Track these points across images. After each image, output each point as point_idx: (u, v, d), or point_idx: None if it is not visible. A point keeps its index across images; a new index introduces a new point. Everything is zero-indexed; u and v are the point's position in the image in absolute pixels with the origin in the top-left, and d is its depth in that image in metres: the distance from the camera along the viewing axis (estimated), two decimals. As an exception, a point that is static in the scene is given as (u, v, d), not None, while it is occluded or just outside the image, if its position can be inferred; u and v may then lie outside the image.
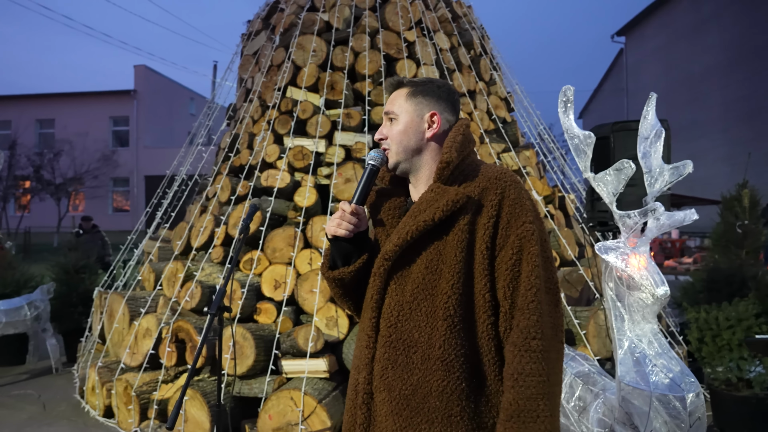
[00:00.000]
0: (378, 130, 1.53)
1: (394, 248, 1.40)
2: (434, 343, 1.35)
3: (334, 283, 1.54)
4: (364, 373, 1.42)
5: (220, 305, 2.17)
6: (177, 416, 1.74)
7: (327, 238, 1.51)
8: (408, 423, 1.34)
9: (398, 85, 1.53)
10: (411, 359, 1.36)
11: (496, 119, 5.70)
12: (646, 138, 2.75)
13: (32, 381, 5.52)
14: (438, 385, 1.33)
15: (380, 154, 1.50)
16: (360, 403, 1.41)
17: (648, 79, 22.25)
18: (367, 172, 1.49)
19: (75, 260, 6.52)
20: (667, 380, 2.44)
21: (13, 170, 22.66)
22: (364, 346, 1.43)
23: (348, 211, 1.45)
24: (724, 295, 4.56)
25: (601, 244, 2.64)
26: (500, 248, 1.37)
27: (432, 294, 1.37)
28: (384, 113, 1.53)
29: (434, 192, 1.40)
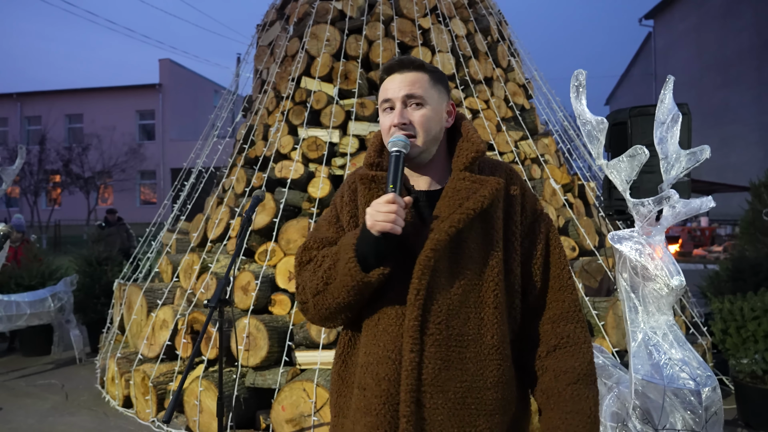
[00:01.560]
0: (397, 113, 1.37)
1: (446, 237, 1.30)
2: (485, 333, 1.33)
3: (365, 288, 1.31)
4: (410, 380, 1.28)
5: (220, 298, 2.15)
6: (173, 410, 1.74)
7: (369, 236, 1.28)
8: (466, 422, 1.29)
9: (419, 68, 1.41)
10: (464, 355, 1.31)
11: (513, 106, 5.59)
12: (663, 123, 2.64)
13: (57, 371, 5.65)
14: (494, 376, 1.32)
15: (405, 140, 1.34)
16: (407, 413, 1.27)
17: (678, 63, 21.64)
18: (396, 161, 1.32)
19: (98, 252, 6.64)
20: (682, 374, 2.35)
21: (44, 164, 23.24)
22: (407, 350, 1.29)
23: (402, 204, 1.27)
24: (749, 285, 4.41)
25: (614, 234, 2.55)
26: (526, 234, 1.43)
27: (478, 284, 1.34)
28: (406, 96, 1.37)
29: (470, 181, 1.37)
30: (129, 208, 23.27)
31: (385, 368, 1.31)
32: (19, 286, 6.18)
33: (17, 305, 5.46)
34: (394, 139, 1.34)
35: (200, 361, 4.33)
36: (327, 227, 1.48)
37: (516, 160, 5.03)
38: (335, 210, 1.50)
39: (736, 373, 4.08)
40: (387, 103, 1.40)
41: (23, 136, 27.48)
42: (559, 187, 5.01)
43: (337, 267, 1.33)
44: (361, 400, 1.34)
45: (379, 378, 1.31)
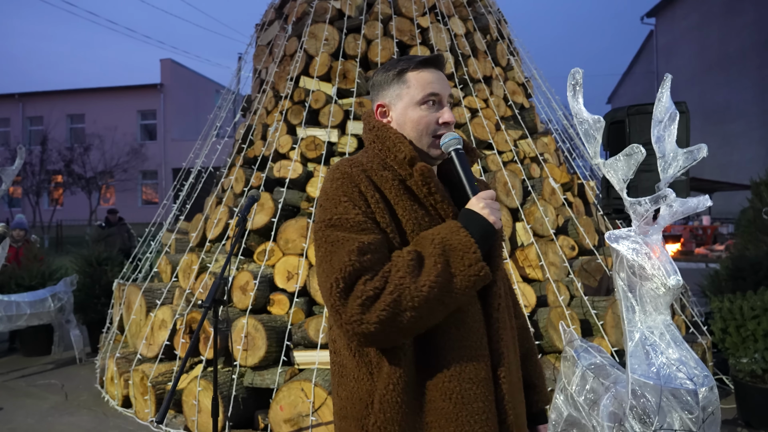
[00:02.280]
0: (447, 112, 1.36)
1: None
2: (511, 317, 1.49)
3: (481, 281, 1.24)
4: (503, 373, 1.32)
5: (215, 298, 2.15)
6: (167, 411, 1.73)
7: (491, 232, 1.27)
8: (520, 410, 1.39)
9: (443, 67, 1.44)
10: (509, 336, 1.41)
11: (512, 105, 5.57)
12: (660, 121, 2.63)
13: (56, 371, 5.65)
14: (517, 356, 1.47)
15: (459, 137, 1.37)
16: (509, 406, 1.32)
17: (680, 61, 21.57)
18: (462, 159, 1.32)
19: (98, 253, 6.64)
20: (679, 374, 2.34)
21: (45, 165, 23.27)
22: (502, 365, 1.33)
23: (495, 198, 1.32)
24: (749, 284, 4.39)
25: (612, 233, 2.54)
26: None
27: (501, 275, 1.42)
28: (450, 95, 1.40)
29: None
30: (131, 208, 23.30)
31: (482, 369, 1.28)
32: (19, 286, 6.19)
33: (17, 305, 5.47)
34: (450, 138, 1.34)
35: (198, 361, 4.33)
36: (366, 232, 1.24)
37: (515, 159, 5.02)
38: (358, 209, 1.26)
39: (735, 373, 4.06)
40: (434, 97, 1.36)
41: (25, 136, 27.53)
42: (558, 186, 5.00)
43: (455, 267, 1.21)
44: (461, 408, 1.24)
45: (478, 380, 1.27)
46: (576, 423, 3.00)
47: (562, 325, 3.34)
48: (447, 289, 1.19)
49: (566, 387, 3.08)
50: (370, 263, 1.19)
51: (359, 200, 1.27)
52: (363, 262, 1.19)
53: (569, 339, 3.25)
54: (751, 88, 18.80)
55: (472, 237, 1.22)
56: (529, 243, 4.52)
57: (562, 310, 4.06)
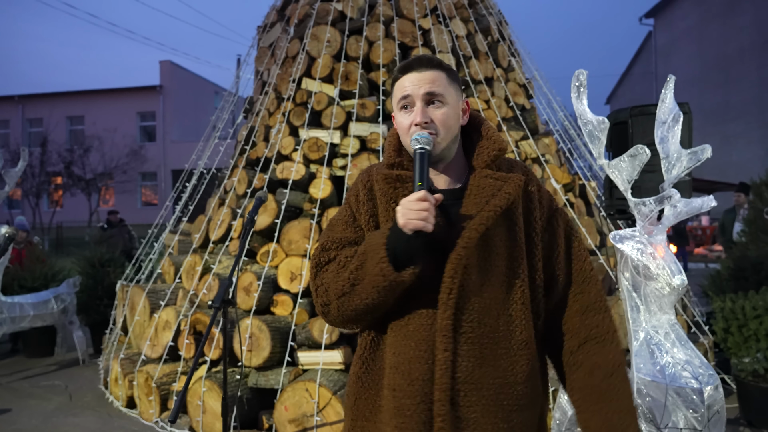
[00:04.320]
0: (419, 111, 1.36)
1: (476, 235, 1.30)
2: (515, 329, 1.35)
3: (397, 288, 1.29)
4: (444, 379, 1.28)
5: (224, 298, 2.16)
6: (179, 410, 1.75)
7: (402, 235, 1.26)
8: (499, 418, 1.31)
9: (438, 67, 1.40)
10: (496, 352, 1.33)
11: (514, 106, 5.59)
12: (664, 122, 2.65)
13: (60, 372, 5.66)
14: (524, 371, 1.35)
15: (429, 138, 1.34)
16: (442, 412, 1.27)
17: (678, 62, 21.62)
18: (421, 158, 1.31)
19: (100, 254, 6.66)
20: (684, 373, 2.36)
21: (45, 166, 23.27)
22: (441, 349, 1.29)
23: (433, 201, 1.25)
24: (751, 284, 4.41)
25: (616, 233, 2.56)
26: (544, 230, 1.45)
27: (506, 281, 1.36)
28: (426, 93, 1.37)
29: (493, 178, 1.37)
30: (130, 210, 23.30)
31: (418, 368, 1.30)
32: (22, 287, 6.20)
33: (21, 307, 5.48)
34: (418, 136, 1.33)
35: (203, 362, 4.34)
36: (343, 228, 1.45)
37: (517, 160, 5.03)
38: (350, 210, 1.47)
39: (737, 372, 4.08)
40: (405, 100, 1.39)
41: (25, 138, 27.52)
42: (560, 187, 5.02)
43: (366, 267, 1.30)
44: (391, 401, 1.33)
45: (411, 378, 1.31)
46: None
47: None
48: (361, 287, 1.30)
49: (570, 386, 3.10)
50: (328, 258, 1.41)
51: (353, 200, 1.48)
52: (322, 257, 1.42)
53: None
54: (750, 88, 18.84)
55: (387, 240, 1.28)
56: (532, 243, 4.53)
57: (565, 310, 4.08)
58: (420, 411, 1.29)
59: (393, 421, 1.32)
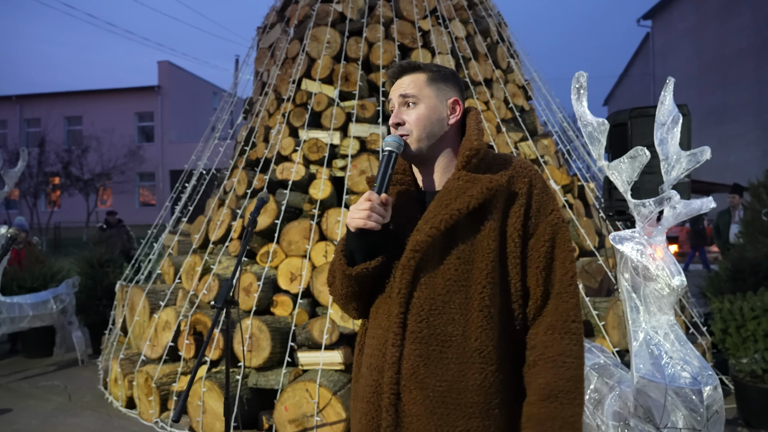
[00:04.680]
0: (393, 114, 1.42)
1: (426, 239, 1.31)
2: (470, 335, 1.31)
3: (351, 280, 1.39)
4: (390, 373, 1.32)
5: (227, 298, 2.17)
6: (182, 410, 1.75)
7: (350, 232, 1.35)
8: (444, 421, 1.29)
9: (414, 69, 1.44)
10: (445, 354, 1.31)
11: (513, 108, 5.61)
12: (663, 124, 2.66)
13: (59, 372, 5.66)
14: (476, 379, 1.30)
15: (399, 140, 1.38)
16: (387, 404, 1.32)
17: (676, 63, 21.68)
18: (387, 160, 1.37)
19: (99, 254, 6.66)
20: (683, 373, 2.37)
21: (43, 167, 23.25)
22: (389, 344, 1.34)
23: (377, 201, 1.32)
24: (749, 285, 4.43)
25: (616, 234, 2.57)
26: (530, 236, 1.36)
27: (465, 285, 1.32)
28: (400, 95, 1.41)
29: (463, 180, 1.35)
30: (128, 210, 23.27)
31: (376, 359, 1.37)
32: (21, 288, 6.20)
33: (20, 307, 5.48)
34: (387, 139, 1.39)
35: (203, 362, 4.35)
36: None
37: (516, 161, 5.05)
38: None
39: (736, 373, 4.10)
40: (390, 104, 1.46)
41: (22, 138, 27.48)
42: (559, 188, 5.03)
43: (335, 262, 1.45)
44: (359, 387, 1.44)
45: (372, 368, 1.38)
46: (580, 422, 3.03)
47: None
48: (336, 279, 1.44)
49: (570, 387, 3.11)
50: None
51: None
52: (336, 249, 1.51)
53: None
54: (748, 90, 18.89)
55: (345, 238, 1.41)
56: (531, 244, 4.54)
57: (564, 311, 4.09)
58: (375, 399, 1.35)
59: (357, 405, 1.42)
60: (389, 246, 1.39)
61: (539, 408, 1.25)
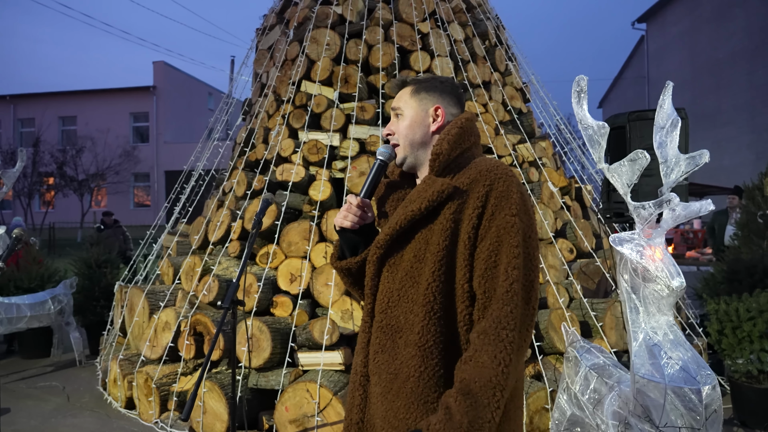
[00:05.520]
0: (386, 126, 1.58)
1: (386, 237, 1.46)
2: (414, 328, 1.39)
3: (342, 273, 1.62)
4: (361, 356, 1.49)
5: (234, 299, 2.19)
6: (192, 408, 1.77)
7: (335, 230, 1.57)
8: (390, 406, 1.39)
9: (403, 84, 1.59)
10: (396, 344, 1.42)
11: (511, 110, 5.65)
12: (662, 127, 2.70)
13: (57, 373, 5.65)
14: (415, 370, 1.37)
15: (388, 150, 1.56)
16: (358, 384, 1.48)
17: (670, 66, 21.81)
18: (375, 167, 1.55)
19: (97, 255, 6.64)
20: (682, 373, 2.41)
21: (37, 167, 23.15)
22: (362, 331, 1.51)
23: (354, 203, 1.52)
24: (745, 287, 4.48)
25: (616, 236, 2.61)
26: (481, 239, 1.36)
27: (417, 281, 1.41)
28: (392, 108, 1.58)
29: (425, 183, 1.45)
30: (123, 211, 23.20)
31: (358, 345, 1.53)
32: (18, 288, 6.18)
33: (17, 307, 5.46)
34: (379, 149, 1.57)
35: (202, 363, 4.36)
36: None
37: (514, 163, 5.09)
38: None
39: (731, 373, 4.14)
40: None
41: (16, 138, 27.34)
42: (557, 190, 5.07)
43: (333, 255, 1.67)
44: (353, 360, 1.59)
45: (356, 351, 1.54)
46: (579, 422, 3.06)
47: (565, 327, 3.41)
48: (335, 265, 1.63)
49: (569, 387, 3.14)
50: None
51: None
52: None
53: (571, 340, 3.31)
54: (741, 93, 19.03)
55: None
56: (529, 246, 4.58)
57: (563, 312, 4.13)
58: (355, 378, 1.51)
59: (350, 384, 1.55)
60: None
61: (455, 400, 1.24)
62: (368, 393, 1.46)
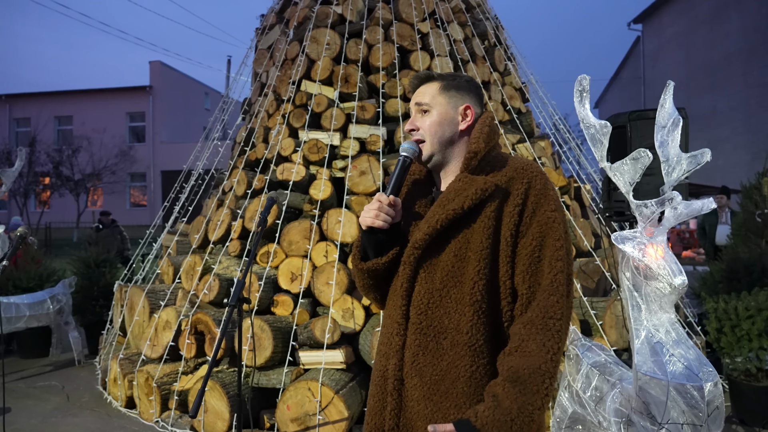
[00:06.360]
0: (409, 121, 1.53)
1: (424, 237, 1.41)
2: (462, 328, 1.38)
3: (366, 274, 1.52)
4: (394, 360, 1.42)
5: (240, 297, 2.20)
6: (200, 405, 1.78)
7: (361, 230, 1.47)
8: (438, 407, 1.36)
9: (428, 79, 1.54)
10: (441, 345, 1.39)
11: (510, 110, 5.67)
12: (664, 127, 2.72)
13: (56, 373, 5.64)
14: (466, 371, 1.36)
15: (413, 146, 1.49)
16: (391, 389, 1.42)
17: (666, 67, 21.90)
18: (400, 164, 1.48)
19: (96, 254, 6.63)
20: (684, 370, 2.42)
21: (33, 167, 23.06)
22: (393, 333, 1.44)
23: (386, 202, 1.43)
24: (743, 285, 4.51)
25: (618, 234, 2.63)
26: (523, 235, 1.39)
27: (460, 281, 1.40)
28: (415, 104, 1.53)
29: (462, 182, 1.43)
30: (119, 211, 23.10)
31: (385, 347, 1.48)
32: (16, 287, 6.17)
33: (17, 307, 5.45)
34: (403, 145, 1.50)
35: (204, 362, 4.36)
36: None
37: (514, 163, 5.11)
38: None
39: (730, 371, 4.17)
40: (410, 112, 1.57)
41: (12, 138, 27.23)
42: (556, 190, 5.09)
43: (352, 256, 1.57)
44: (374, 371, 1.53)
45: (380, 354, 1.49)
46: (581, 420, 3.08)
47: (566, 325, 3.42)
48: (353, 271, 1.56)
49: (571, 384, 3.16)
50: None
51: None
52: None
53: (573, 338, 3.33)
54: (736, 94, 19.12)
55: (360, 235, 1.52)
56: (529, 245, 4.60)
57: (563, 311, 4.15)
58: (382, 383, 1.46)
59: (371, 387, 1.52)
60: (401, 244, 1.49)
61: (503, 388, 1.27)
62: (404, 397, 1.41)
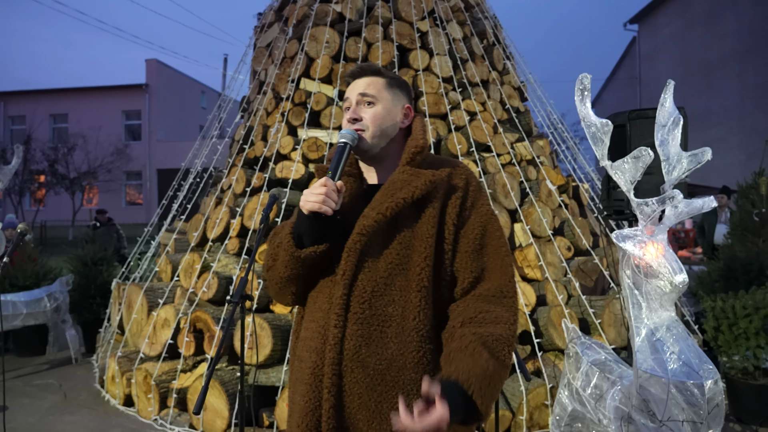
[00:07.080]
0: (351, 110, 1.53)
1: (373, 224, 1.41)
2: (408, 315, 1.39)
3: (301, 263, 1.43)
4: (331, 354, 1.37)
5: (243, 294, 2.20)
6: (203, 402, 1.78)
7: (303, 215, 1.41)
8: (383, 397, 1.37)
9: (376, 73, 1.57)
10: (385, 333, 1.38)
11: (509, 109, 5.68)
12: (664, 125, 2.73)
13: (53, 371, 5.63)
14: (413, 357, 1.38)
15: (353, 134, 1.48)
16: (329, 384, 1.36)
17: (662, 68, 21.97)
18: (340, 150, 1.46)
19: (92, 253, 6.61)
20: (684, 367, 2.43)
21: (29, 165, 22.96)
22: (330, 326, 1.39)
23: (332, 188, 1.39)
24: (741, 284, 4.54)
25: (619, 233, 2.63)
26: (463, 224, 1.47)
27: (405, 268, 1.42)
28: (359, 94, 1.53)
29: (407, 174, 1.47)
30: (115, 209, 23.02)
31: (316, 342, 1.41)
32: (13, 286, 6.14)
33: (14, 305, 5.43)
34: (343, 132, 1.49)
35: (202, 360, 4.36)
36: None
37: (513, 162, 5.12)
38: None
39: (727, 370, 4.19)
40: (346, 102, 1.57)
41: (7, 135, 27.11)
42: (555, 188, 5.11)
43: (282, 244, 1.46)
44: (297, 370, 1.47)
45: (310, 350, 1.42)
46: (581, 417, 3.09)
47: (565, 323, 3.43)
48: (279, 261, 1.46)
49: (570, 382, 3.17)
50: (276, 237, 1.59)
51: None
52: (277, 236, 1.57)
53: (572, 336, 3.34)
54: (731, 94, 19.21)
55: (295, 221, 1.46)
56: (528, 243, 4.61)
57: (562, 309, 4.17)
58: (315, 381, 1.39)
59: (296, 387, 1.46)
60: (333, 233, 1.45)
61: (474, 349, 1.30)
62: (343, 392, 1.37)
